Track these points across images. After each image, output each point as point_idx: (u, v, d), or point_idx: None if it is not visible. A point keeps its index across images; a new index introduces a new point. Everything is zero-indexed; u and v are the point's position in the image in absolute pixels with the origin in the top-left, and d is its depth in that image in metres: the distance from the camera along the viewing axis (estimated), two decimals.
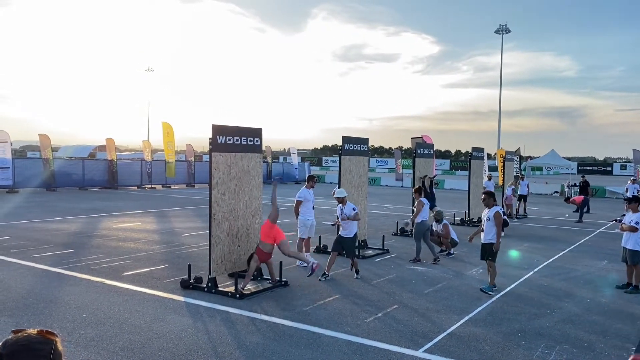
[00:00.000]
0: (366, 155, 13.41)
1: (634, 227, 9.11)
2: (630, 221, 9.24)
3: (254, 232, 9.08)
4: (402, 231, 15.06)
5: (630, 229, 9.17)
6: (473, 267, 10.96)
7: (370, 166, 74.55)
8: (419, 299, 8.39)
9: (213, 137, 8.27)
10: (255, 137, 9.06)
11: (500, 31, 55.91)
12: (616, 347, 6.43)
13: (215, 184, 8.30)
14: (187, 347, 6.07)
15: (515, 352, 6.16)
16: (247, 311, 7.48)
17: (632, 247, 9.17)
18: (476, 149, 19.02)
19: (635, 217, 9.24)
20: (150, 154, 33.81)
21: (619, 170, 69.48)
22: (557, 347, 6.35)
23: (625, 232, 9.30)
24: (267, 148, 42.80)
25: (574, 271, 10.78)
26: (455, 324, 7.14)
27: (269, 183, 39.07)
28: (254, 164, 9.02)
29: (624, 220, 9.54)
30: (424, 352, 6.09)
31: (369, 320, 7.19)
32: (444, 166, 74.67)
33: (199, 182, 34.26)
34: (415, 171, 15.27)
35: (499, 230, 8.98)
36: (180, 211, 20.40)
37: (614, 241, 14.96)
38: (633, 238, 9.18)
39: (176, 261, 10.71)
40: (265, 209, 9.44)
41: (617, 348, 6.38)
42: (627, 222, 9.33)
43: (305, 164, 48.17)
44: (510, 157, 23.94)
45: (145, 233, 14.49)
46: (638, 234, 9.12)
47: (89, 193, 27.55)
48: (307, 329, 6.80)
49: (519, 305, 8.12)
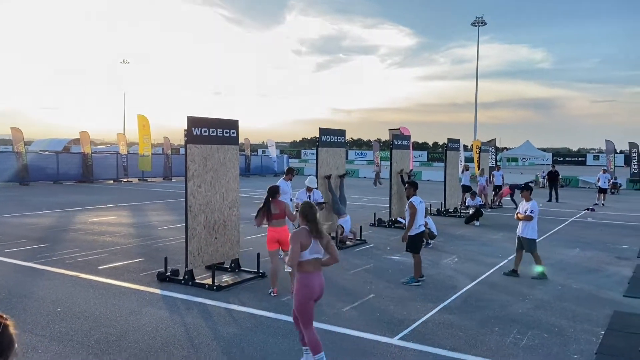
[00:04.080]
0: (343, 147, 13.46)
1: (529, 216, 9.23)
2: (525, 210, 9.34)
3: (231, 224, 9.07)
4: (379, 222, 15.18)
5: (526, 218, 9.28)
6: (449, 256, 11.12)
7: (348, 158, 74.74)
8: (395, 288, 8.49)
9: (188, 129, 8.22)
10: (232, 128, 9.03)
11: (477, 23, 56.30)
12: (585, 331, 6.61)
13: (191, 176, 8.26)
14: (164, 340, 6.06)
15: (489, 338, 6.29)
16: (224, 303, 7.49)
17: (529, 235, 9.25)
18: (452, 140, 19.22)
19: (529, 205, 9.35)
20: (126, 147, 33.40)
21: (592, 161, 70.93)
22: (529, 333, 6.50)
23: (521, 221, 9.38)
24: (246, 141, 42.61)
25: (546, 259, 10.95)
26: (431, 311, 7.25)
27: (247, 175, 39.02)
28: (230, 156, 8.99)
29: (519, 209, 9.64)
30: (400, 340, 6.18)
31: (346, 310, 7.26)
32: (422, 158, 75.26)
33: (176, 176, 33.97)
34: (393, 163, 15.38)
35: (411, 221, 8.78)
36: (157, 204, 20.23)
37: (586, 230, 15.34)
38: (529, 226, 9.27)
39: (152, 254, 10.64)
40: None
41: (586, 332, 6.56)
42: (522, 212, 9.42)
43: (284, 157, 48.11)
44: (486, 148, 24.26)
45: (121, 227, 14.35)
46: (533, 222, 9.24)
47: (63, 187, 27.11)
48: (285, 319, 6.83)
49: (492, 293, 8.28)
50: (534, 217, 9.27)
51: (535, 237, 9.36)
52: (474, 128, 55.20)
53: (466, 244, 12.72)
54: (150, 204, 20.44)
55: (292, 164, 48.18)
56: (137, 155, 32.90)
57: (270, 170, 41.84)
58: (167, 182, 32.43)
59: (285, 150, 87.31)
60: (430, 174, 40.27)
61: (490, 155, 25.40)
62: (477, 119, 55.13)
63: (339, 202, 12.39)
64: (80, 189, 26.35)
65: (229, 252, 9.08)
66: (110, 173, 31.94)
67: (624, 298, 8.15)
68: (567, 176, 34.74)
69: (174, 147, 41.22)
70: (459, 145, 22.13)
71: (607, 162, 33.30)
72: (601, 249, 12.18)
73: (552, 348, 6.02)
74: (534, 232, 9.33)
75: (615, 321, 7.00)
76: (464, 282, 8.88)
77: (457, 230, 14.82)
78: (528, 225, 9.31)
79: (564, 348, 6.03)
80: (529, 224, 9.30)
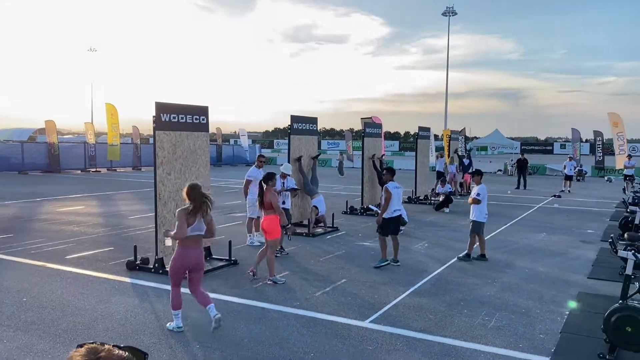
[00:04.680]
0: (315, 135, 13.45)
1: (477, 199, 9.46)
2: (474, 194, 9.57)
3: None
4: (351, 210, 15.27)
5: (474, 202, 9.51)
6: (419, 241, 11.26)
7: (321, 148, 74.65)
8: (366, 273, 8.56)
9: (157, 115, 8.09)
10: (202, 115, 8.92)
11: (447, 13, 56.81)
12: (550, 311, 6.79)
13: (160, 163, 8.14)
14: (134, 327, 5.99)
15: (458, 320, 6.41)
16: None
17: (475, 217, 9.49)
18: (422, 129, 19.38)
19: (477, 189, 9.59)
20: (94, 137, 32.72)
21: (559, 149, 72.45)
22: (497, 314, 6.64)
23: (472, 204, 9.60)
24: (217, 130, 42.21)
25: (514, 244, 11.25)
26: (401, 295, 7.34)
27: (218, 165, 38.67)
28: (200, 142, 8.88)
29: (472, 192, 9.86)
30: (371, 323, 6.24)
31: (318, 295, 7.30)
32: (394, 147, 75.75)
33: (145, 165, 33.47)
34: (364, 151, 15.44)
35: (385, 205, 9.10)
36: (126, 194, 19.91)
37: (552, 215, 15.71)
38: (476, 210, 9.50)
39: (122, 243, 10.48)
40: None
41: (551, 313, 6.74)
42: (472, 195, 9.66)
43: (256, 146, 47.85)
44: (455, 136, 24.55)
45: (89, 216, 14.08)
46: (481, 206, 9.46)
47: (29, 177, 26.43)
48: (256, 304, 6.83)
49: (461, 277, 8.42)
50: (481, 200, 9.45)
51: (481, 219, 9.54)
52: (445, 117, 55.95)
53: (436, 230, 12.90)
54: (119, 193, 20.10)
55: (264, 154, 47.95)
56: (106, 144, 32.29)
57: (242, 160, 41.55)
58: (136, 172, 31.93)
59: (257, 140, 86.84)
60: (401, 162, 40.53)
61: (460, 144, 25.70)
62: (447, 109, 55.85)
63: (310, 183, 12.41)
64: (46, 179, 25.72)
65: None
66: (78, 163, 31.29)
67: (588, 280, 8.39)
68: (535, 164, 35.48)
69: (143, 136, 40.54)
70: (430, 133, 22.36)
71: (573, 151, 34.08)
72: (567, 234, 12.50)
73: (518, 328, 6.16)
74: (480, 215, 9.52)
75: (580, 302, 7.20)
76: (434, 267, 9.01)
77: (427, 217, 15.00)
78: (476, 208, 9.51)
79: (530, 328, 6.18)
80: (477, 207, 9.50)
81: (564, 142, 73.90)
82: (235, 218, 13.93)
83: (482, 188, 9.60)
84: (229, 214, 14.65)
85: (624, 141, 29.06)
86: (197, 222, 5.64)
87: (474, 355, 5.37)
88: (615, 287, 7.20)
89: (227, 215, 14.43)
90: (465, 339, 5.78)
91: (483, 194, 9.54)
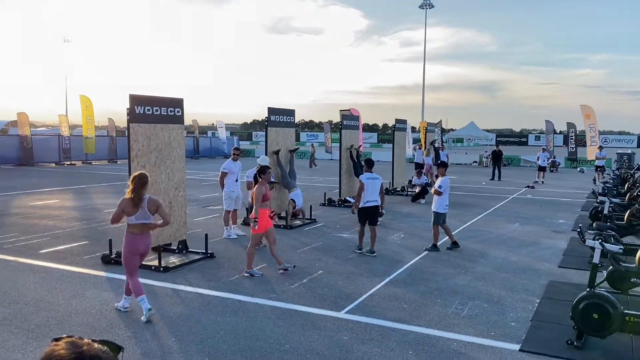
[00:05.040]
0: (293, 127, 13.44)
1: (439, 191, 9.64)
2: (437, 185, 9.76)
3: (177, 205, 8.94)
4: (329, 201, 15.33)
5: (436, 193, 9.69)
6: (395, 232, 11.38)
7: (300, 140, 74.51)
8: (343, 264, 8.64)
9: (131, 108, 8.01)
10: (177, 107, 8.85)
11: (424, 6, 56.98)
12: (522, 300, 6.95)
13: (135, 156, 8.07)
14: (109, 321, 5.97)
15: (432, 309, 6.52)
16: (171, 284, 7.42)
17: (436, 209, 9.66)
18: (399, 121, 19.51)
19: (440, 181, 9.78)
20: (68, 129, 32.17)
21: (534, 141, 73.48)
22: (470, 303, 6.78)
23: (434, 195, 9.78)
24: (194, 122, 41.84)
25: (488, 234, 11.44)
26: (377, 285, 7.43)
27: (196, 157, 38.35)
28: (175, 135, 8.82)
29: (436, 184, 10.02)
30: (346, 313, 6.32)
31: (295, 286, 7.34)
32: (372, 139, 75.95)
33: (121, 158, 32.99)
34: (342, 143, 15.49)
35: (357, 196, 9.54)
36: (102, 187, 19.65)
37: (526, 206, 16.00)
38: (438, 201, 9.67)
39: (97, 237, 10.37)
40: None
41: (523, 301, 6.90)
42: (435, 187, 9.86)
43: (234, 138, 47.56)
44: (432, 128, 24.78)
45: (64, 210, 13.88)
46: (443, 197, 9.64)
47: (1, 171, 25.87)
48: (233, 297, 6.85)
49: (436, 267, 8.56)
50: (442, 192, 9.62)
51: (441, 211, 9.69)
52: (422, 110, 56.31)
53: (412, 220, 13.04)
54: (95, 186, 19.83)
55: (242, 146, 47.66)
56: (81, 137, 31.76)
57: (219, 152, 41.26)
58: (112, 165, 31.51)
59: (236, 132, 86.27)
60: (379, 154, 40.68)
61: (436, 136, 25.96)
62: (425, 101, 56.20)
63: (288, 177, 12.43)
64: (19, 172, 25.22)
65: (176, 234, 8.96)
66: (52, 156, 30.72)
67: (558, 269, 8.60)
68: (510, 156, 35.99)
69: (119, 129, 39.93)
70: (406, 126, 22.56)
71: (547, 142, 34.68)
72: (539, 224, 12.76)
73: (491, 317, 6.30)
74: (440, 206, 9.67)
75: (550, 290, 7.39)
76: (410, 257, 9.13)
77: (403, 208, 15.15)
78: (438, 199, 9.68)
79: (502, 316, 6.32)
80: (439, 199, 9.67)
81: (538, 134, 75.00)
82: (213, 211, 13.88)
83: (444, 180, 9.79)
84: (205, 207, 14.59)
85: (595, 133, 29.69)
86: (141, 211, 5.90)
87: (447, 344, 5.48)
88: (585, 276, 7.37)
89: (204, 208, 14.37)
90: (438, 328, 5.90)
91: (445, 186, 9.72)
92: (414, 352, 5.26)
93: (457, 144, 67.64)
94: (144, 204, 5.92)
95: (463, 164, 36.29)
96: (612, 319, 5.24)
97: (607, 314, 5.25)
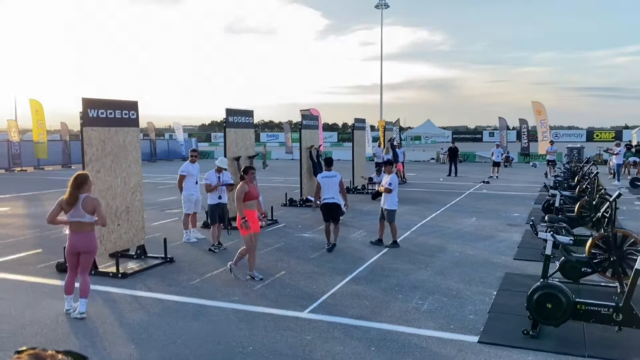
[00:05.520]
0: (252, 128, 13.37)
1: (389, 189, 9.85)
2: (385, 183, 9.95)
3: (134, 210, 8.76)
4: (290, 202, 15.32)
5: (386, 191, 9.88)
6: (356, 230, 11.49)
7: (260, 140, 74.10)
8: (305, 264, 8.66)
9: (84, 111, 7.80)
10: (131, 110, 8.66)
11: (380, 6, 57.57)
12: (480, 293, 7.13)
13: (89, 160, 7.86)
14: (65, 331, 5.80)
15: (393, 305, 6.62)
16: (130, 290, 7.27)
17: (389, 206, 9.84)
18: (358, 120, 19.69)
19: (389, 179, 9.97)
20: (18, 134, 31.03)
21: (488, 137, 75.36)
22: (430, 298, 6.91)
23: (384, 193, 9.96)
24: (149, 124, 41.04)
25: (446, 229, 11.68)
26: (339, 284, 7.49)
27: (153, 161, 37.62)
28: (130, 138, 8.64)
29: (382, 181, 10.22)
30: (309, 313, 6.34)
31: (257, 288, 7.31)
32: (332, 138, 76.32)
33: (76, 163, 32.07)
34: (302, 142, 15.51)
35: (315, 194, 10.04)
36: (56, 193, 18.97)
37: (482, 200, 16.40)
38: (389, 198, 9.86)
39: (52, 245, 10.05)
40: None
41: (481, 294, 7.09)
42: (384, 184, 10.03)
43: (192, 140, 46.91)
44: (390, 127, 25.10)
45: (15, 218, 13.40)
46: (393, 195, 9.86)
47: None
48: (194, 302, 6.77)
49: (397, 263, 8.68)
50: (392, 189, 9.79)
51: (394, 208, 9.89)
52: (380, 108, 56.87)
53: (373, 218, 13.12)
54: (48, 193, 19.19)
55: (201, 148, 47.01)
56: (32, 142, 30.69)
57: (178, 155, 40.62)
58: (66, 170, 30.55)
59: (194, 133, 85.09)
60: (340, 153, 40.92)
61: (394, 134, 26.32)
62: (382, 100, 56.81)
63: None
64: None
65: (134, 239, 8.78)
66: (1, 162, 29.57)
67: (514, 261, 8.86)
68: (465, 152, 36.81)
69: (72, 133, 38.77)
70: (365, 124, 22.77)
71: (500, 138, 35.65)
72: (495, 218, 13.11)
73: (450, 310, 6.44)
74: (393, 203, 9.86)
75: (506, 282, 7.61)
76: (371, 254, 9.24)
77: (364, 206, 15.29)
78: (388, 197, 9.83)
79: (461, 310, 6.47)
80: (389, 196, 9.82)
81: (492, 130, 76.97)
82: (171, 214, 13.66)
83: (393, 177, 9.96)
84: (164, 210, 14.35)
85: (546, 128, 30.68)
86: (74, 209, 6.16)
87: (408, 339, 5.57)
88: (539, 267, 7.61)
89: (162, 212, 14.12)
90: (400, 323, 5.99)
91: (395, 184, 9.90)
92: (376, 348, 5.33)
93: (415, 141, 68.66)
94: (78, 203, 6.16)
95: (421, 161, 36.90)
96: (564, 307, 5.44)
97: (559, 303, 5.46)
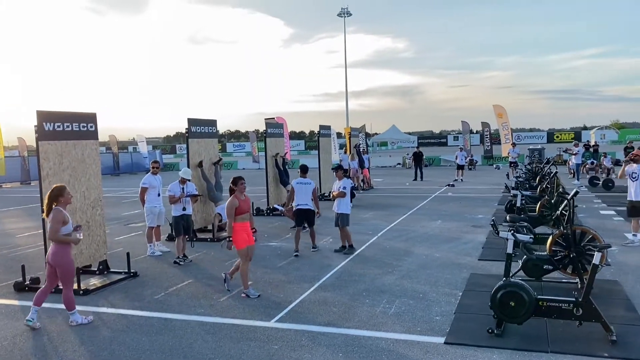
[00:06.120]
0: (215, 137, 13.25)
1: (343, 192, 9.99)
2: (339, 187, 10.08)
3: (95, 225, 8.55)
4: (257, 211, 15.21)
5: (339, 195, 10.00)
6: (324, 237, 11.47)
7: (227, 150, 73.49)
8: (272, 272, 8.59)
9: (39, 125, 7.59)
10: (89, 122, 8.48)
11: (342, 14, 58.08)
12: (445, 294, 7.21)
13: (46, 175, 7.64)
14: (23, 352, 5.59)
15: (361, 310, 6.62)
16: (92, 307, 7.07)
17: (343, 210, 9.96)
18: (323, 127, 19.76)
19: (342, 183, 10.11)
20: None
21: (453, 141, 76.58)
22: (397, 301, 6.94)
23: (336, 198, 10.05)
24: (111, 137, 40.25)
25: (412, 232, 11.79)
26: (306, 291, 7.45)
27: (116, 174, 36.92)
28: (89, 151, 8.44)
29: (334, 187, 10.33)
30: (276, 322, 6.28)
31: (223, 300, 7.22)
32: (300, 146, 76.37)
33: (35, 179, 31.16)
34: (267, 151, 15.46)
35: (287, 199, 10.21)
36: (14, 211, 18.45)
37: (447, 203, 16.64)
38: (342, 202, 9.97)
39: (9, 264, 9.72)
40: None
41: (447, 295, 7.16)
42: (335, 189, 10.16)
43: (156, 152, 46.17)
44: (355, 133, 25.27)
45: None
46: (346, 199, 10.01)
47: None
48: (159, 316, 6.63)
49: (364, 268, 8.70)
50: (346, 193, 9.92)
51: (348, 211, 10.00)
52: (346, 115, 57.30)
53: None
54: (6, 210, 18.58)
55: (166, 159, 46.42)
56: None
57: (141, 168, 39.89)
58: (25, 187, 29.71)
59: (158, 145, 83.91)
60: (307, 160, 40.85)
61: (360, 141, 26.51)
62: (348, 107, 57.23)
63: (215, 189, 12.23)
64: None
65: (95, 254, 8.56)
66: None
67: (479, 262, 8.99)
68: (431, 156, 37.38)
69: (31, 148, 37.68)
70: (331, 131, 22.86)
71: (464, 142, 36.30)
72: (460, 220, 13.30)
73: (417, 313, 6.48)
74: (347, 207, 9.98)
75: (471, 283, 7.71)
76: (338, 261, 9.24)
77: (331, 213, 15.24)
78: (342, 201, 9.93)
79: (427, 311, 6.52)
80: (342, 201, 9.93)
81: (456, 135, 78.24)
82: (135, 228, 13.39)
83: (346, 182, 10.09)
84: (128, 224, 14.06)
85: (508, 130, 31.37)
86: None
87: (376, 343, 5.58)
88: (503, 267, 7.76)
89: (125, 226, 13.84)
90: (367, 328, 5.99)
91: (348, 187, 10.05)
92: (344, 354, 5.31)
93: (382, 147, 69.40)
94: (50, 216, 6.29)
95: (388, 167, 37.25)
96: (526, 305, 5.54)
97: (522, 301, 5.55)
